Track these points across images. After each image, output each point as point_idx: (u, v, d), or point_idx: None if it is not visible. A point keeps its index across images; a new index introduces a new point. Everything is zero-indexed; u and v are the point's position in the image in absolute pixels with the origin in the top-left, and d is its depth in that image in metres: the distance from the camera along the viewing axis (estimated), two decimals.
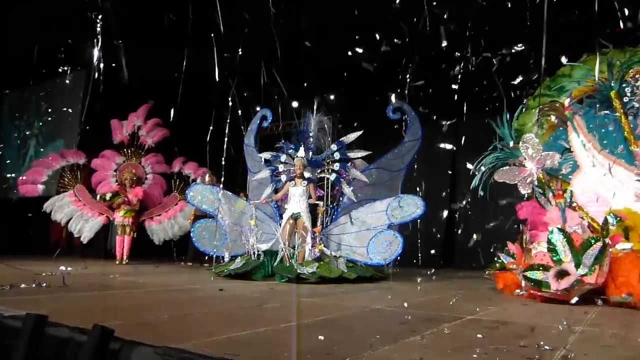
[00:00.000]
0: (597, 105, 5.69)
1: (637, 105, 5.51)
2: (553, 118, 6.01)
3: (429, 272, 7.06)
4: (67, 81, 12.42)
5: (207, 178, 8.94)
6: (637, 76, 5.45)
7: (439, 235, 10.49)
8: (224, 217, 7.14)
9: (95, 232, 9.19)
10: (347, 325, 2.79)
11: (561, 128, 5.94)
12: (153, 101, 11.01)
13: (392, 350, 2.16)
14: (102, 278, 5.63)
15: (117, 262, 8.56)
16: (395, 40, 6.74)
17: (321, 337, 2.33)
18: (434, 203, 8.11)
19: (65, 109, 12.48)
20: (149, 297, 3.74)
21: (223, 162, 7.02)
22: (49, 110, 13.16)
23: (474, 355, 2.08)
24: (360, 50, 7.48)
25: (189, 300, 3.89)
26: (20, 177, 9.82)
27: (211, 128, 7.66)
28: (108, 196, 9.03)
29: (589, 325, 3.07)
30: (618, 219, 4.98)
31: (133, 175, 9.28)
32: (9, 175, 13.17)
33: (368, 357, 2.03)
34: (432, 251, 9.72)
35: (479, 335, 2.53)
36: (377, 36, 6.90)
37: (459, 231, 10.25)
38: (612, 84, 5.49)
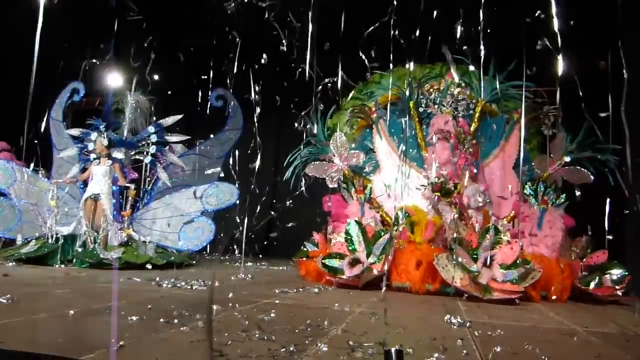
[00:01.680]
0: (398, 112, 6.35)
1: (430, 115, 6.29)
2: (362, 120, 6.56)
3: (244, 259, 7.21)
4: None
5: None
6: (431, 90, 6.20)
7: (256, 225, 10.74)
8: (19, 196, 6.43)
9: None
10: (139, 310, 2.73)
11: (367, 130, 6.51)
12: None
13: (177, 333, 2.19)
14: None
15: None
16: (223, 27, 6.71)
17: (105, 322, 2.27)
18: (252, 193, 8.28)
19: None
20: None
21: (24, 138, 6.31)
22: None
23: (256, 334, 2.21)
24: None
25: None
26: None
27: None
28: None
29: (367, 307, 3.45)
30: (407, 214, 5.64)
31: None
32: None
33: (149, 339, 2.03)
34: (253, 241, 9.96)
35: (266, 317, 2.69)
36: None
37: (277, 222, 10.61)
38: (412, 95, 6.17)
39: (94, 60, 6.77)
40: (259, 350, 1.93)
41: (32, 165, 7.03)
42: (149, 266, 5.55)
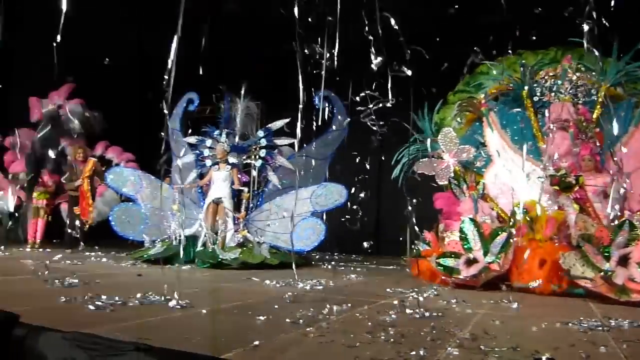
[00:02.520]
0: (509, 103, 6.04)
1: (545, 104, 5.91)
2: (470, 113, 6.32)
3: (353, 258, 7.26)
4: None
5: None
6: (546, 77, 5.83)
7: (364, 222, 10.77)
8: (145, 201, 6.97)
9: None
10: (264, 309, 2.83)
11: (477, 123, 6.25)
12: (72, 78, 10.48)
13: (304, 333, 2.23)
14: (12, 262, 5.32)
15: (28, 247, 8.10)
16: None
17: (235, 321, 2.37)
18: (358, 191, 8.30)
19: None
20: (65, 282, 3.59)
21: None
22: None
23: (382, 336, 2.19)
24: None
25: (106, 285, 3.77)
26: None
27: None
28: (21, 176, 8.51)
29: (489, 309, 3.31)
30: (525, 210, 5.34)
31: (84, 150, 8.71)
32: None
33: (280, 340, 2.08)
34: (361, 240, 9.99)
35: (387, 319, 2.67)
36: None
37: (383, 220, 10.57)
38: (524, 84, 5.84)
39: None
40: (388, 353, 1.90)
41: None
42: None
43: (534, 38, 6.48)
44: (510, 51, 6.23)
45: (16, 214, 9.03)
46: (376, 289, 4.17)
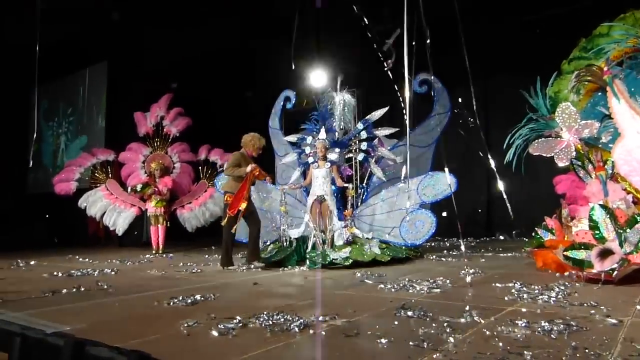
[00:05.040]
0: (638, 67, 5.35)
1: None
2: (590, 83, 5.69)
3: (463, 248, 6.94)
4: (88, 75, 12.70)
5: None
6: None
7: (479, 210, 10.35)
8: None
9: (130, 224, 9.39)
10: (384, 327, 2.70)
11: (599, 94, 5.61)
12: (175, 85, 11.07)
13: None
14: (140, 276, 5.68)
15: (153, 252, 8.70)
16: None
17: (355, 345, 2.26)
18: (467, 179, 7.91)
19: (88, 104, 12.82)
20: (185, 300, 3.71)
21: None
22: (74, 108, 13.67)
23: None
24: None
25: (226, 299, 3.84)
26: (55, 177, 10.05)
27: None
28: (138, 187, 9.12)
29: (637, 315, 2.92)
30: None
31: (161, 166, 9.35)
32: (46, 166, 14.01)
33: None
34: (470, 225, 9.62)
35: (519, 335, 2.42)
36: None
37: (495, 206, 10.05)
38: None
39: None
40: None
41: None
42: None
43: None
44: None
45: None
46: (500, 290, 3.88)
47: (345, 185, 6.52)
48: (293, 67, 7.52)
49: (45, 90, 13.78)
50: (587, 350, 2.16)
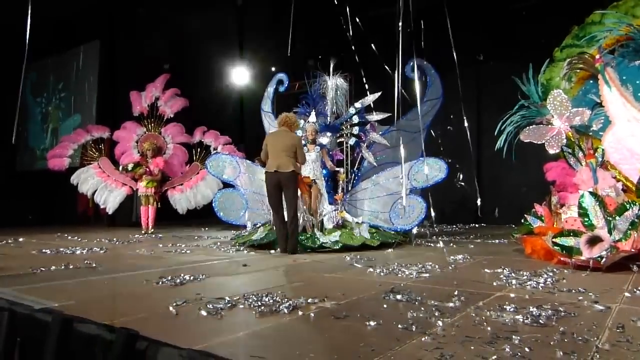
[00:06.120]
0: (629, 55, 5.36)
1: None
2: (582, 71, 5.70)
3: (451, 234, 6.97)
4: (81, 54, 12.48)
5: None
6: None
7: (469, 196, 10.38)
8: (244, 186, 7.11)
9: (120, 203, 9.35)
10: (372, 310, 2.71)
11: (591, 81, 5.63)
12: (168, 66, 10.94)
13: (420, 346, 2.07)
14: (129, 255, 5.66)
15: (142, 232, 8.67)
16: None
17: (345, 328, 2.27)
18: (458, 164, 7.92)
19: (80, 83, 12.63)
20: (174, 279, 3.71)
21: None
22: (66, 85, 13.44)
23: (505, 348, 1.99)
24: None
25: (215, 282, 3.84)
26: (49, 152, 9.98)
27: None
28: (130, 167, 9.05)
29: (628, 303, 2.95)
30: None
31: (154, 146, 9.30)
32: (34, 147, 13.73)
33: (397, 357, 1.95)
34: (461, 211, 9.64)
35: (507, 320, 2.44)
36: None
37: (484, 191, 10.09)
38: None
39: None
40: None
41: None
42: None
43: None
44: None
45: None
46: (488, 276, 3.90)
47: (336, 169, 6.52)
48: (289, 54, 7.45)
49: (37, 66, 13.52)
50: (575, 336, 2.17)
